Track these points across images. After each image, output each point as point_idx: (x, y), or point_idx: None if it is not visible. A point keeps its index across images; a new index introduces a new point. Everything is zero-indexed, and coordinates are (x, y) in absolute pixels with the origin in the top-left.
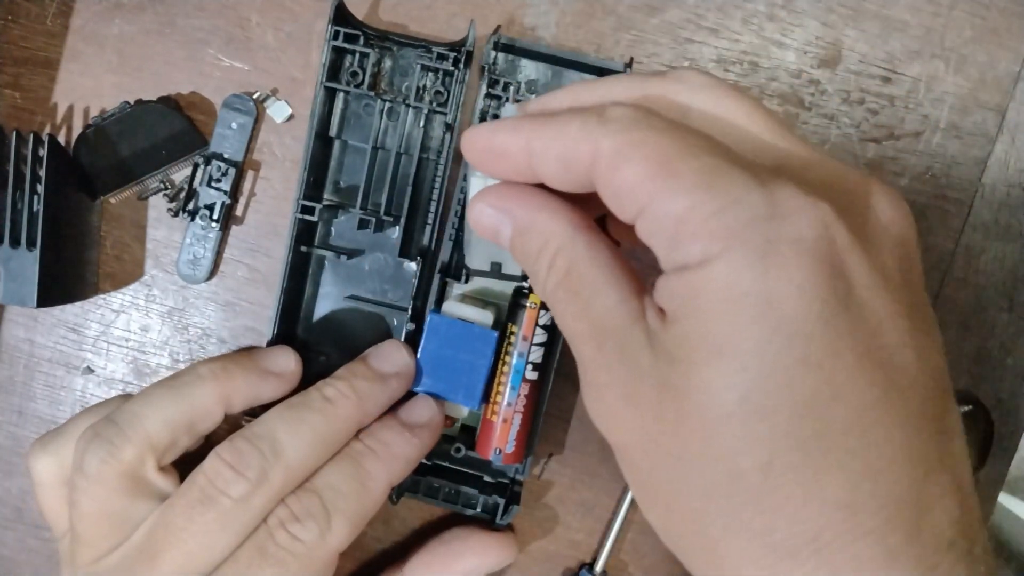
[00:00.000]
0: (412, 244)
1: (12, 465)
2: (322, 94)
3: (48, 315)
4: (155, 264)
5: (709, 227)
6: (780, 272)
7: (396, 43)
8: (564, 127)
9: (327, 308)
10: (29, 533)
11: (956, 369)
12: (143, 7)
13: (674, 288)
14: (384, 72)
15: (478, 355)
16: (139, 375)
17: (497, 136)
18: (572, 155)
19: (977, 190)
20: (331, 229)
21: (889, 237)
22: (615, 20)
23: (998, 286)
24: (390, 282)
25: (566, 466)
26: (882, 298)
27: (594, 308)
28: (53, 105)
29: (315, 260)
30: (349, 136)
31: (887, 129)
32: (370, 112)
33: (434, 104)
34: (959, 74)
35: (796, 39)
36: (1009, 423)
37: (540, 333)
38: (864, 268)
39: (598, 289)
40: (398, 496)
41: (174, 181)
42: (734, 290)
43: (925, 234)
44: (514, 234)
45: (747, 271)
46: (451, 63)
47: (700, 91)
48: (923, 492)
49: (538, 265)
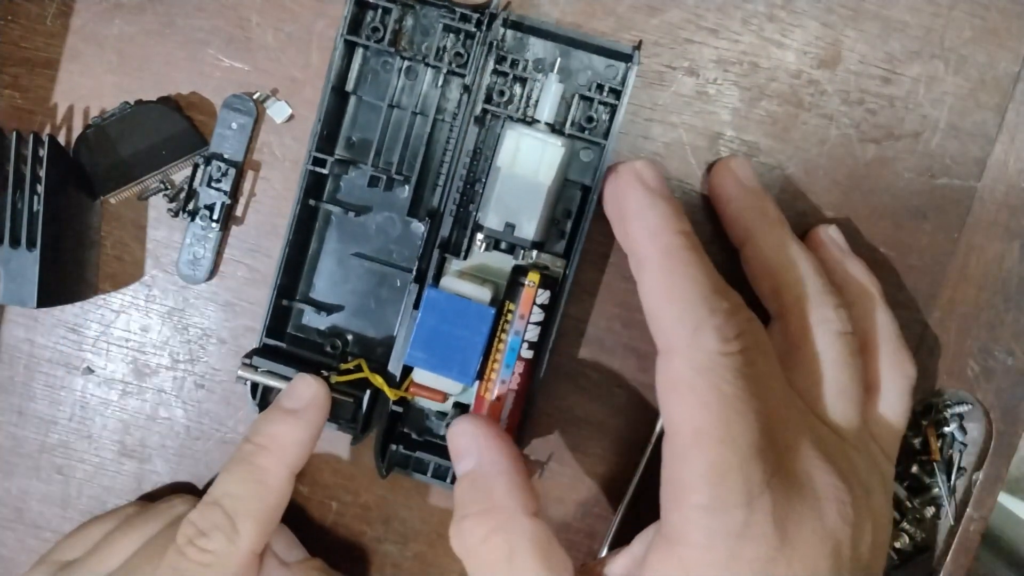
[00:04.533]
0: (421, 205)
1: (12, 465)
2: (341, 47)
3: (48, 315)
4: (155, 264)
5: (695, 518)
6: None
7: (420, 1)
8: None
9: (331, 264)
10: (29, 533)
11: (956, 369)
12: (143, 7)
13: (640, 560)
14: (405, 30)
15: (474, 332)
16: (139, 375)
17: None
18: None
19: (977, 190)
20: (340, 185)
21: (826, 547)
22: (615, 21)
23: (998, 286)
24: (396, 242)
25: (566, 466)
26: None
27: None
28: (53, 105)
29: (322, 215)
30: (365, 92)
31: (887, 129)
32: (388, 69)
33: (453, 65)
34: (959, 74)
35: (796, 39)
36: (1009, 423)
37: (537, 312)
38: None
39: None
40: (388, 470)
41: (174, 181)
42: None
43: (925, 234)
44: (474, 468)
45: (708, 571)
46: (474, 24)
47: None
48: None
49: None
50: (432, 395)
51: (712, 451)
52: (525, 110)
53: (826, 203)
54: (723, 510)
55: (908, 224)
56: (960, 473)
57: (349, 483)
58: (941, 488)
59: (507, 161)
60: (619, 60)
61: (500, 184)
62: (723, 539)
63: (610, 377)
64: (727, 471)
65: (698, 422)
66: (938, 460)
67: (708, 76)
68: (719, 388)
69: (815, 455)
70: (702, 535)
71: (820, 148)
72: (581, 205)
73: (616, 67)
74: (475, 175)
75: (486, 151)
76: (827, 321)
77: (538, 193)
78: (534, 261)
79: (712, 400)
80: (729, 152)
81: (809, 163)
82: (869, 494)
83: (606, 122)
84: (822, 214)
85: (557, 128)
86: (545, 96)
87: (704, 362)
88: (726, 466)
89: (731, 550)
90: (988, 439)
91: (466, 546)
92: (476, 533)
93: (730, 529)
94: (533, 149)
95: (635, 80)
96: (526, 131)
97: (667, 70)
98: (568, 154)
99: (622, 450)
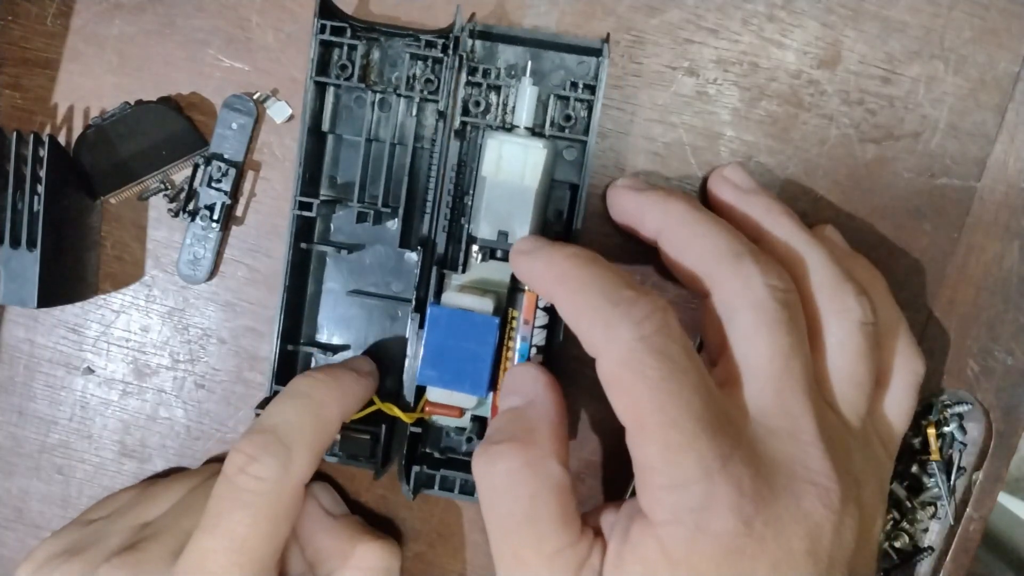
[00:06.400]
0: (412, 234)
1: (12, 465)
2: (312, 89)
3: (48, 315)
4: (155, 264)
5: (660, 497)
6: (700, 555)
7: (384, 33)
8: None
9: (331, 304)
10: (29, 533)
11: (956, 369)
12: (143, 7)
13: (623, 527)
14: (373, 63)
15: (481, 343)
16: (139, 375)
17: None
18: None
19: (976, 190)
20: (330, 224)
21: (800, 528)
22: (615, 20)
23: (998, 286)
24: (392, 274)
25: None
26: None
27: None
28: (53, 105)
29: (316, 257)
30: (342, 130)
31: (886, 129)
32: (361, 105)
33: (425, 92)
34: (958, 74)
35: (796, 40)
36: (1009, 423)
37: (541, 315)
38: (766, 559)
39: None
40: (415, 493)
41: (174, 181)
42: (669, 554)
43: (925, 234)
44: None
45: (680, 546)
46: (440, 50)
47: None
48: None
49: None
50: (448, 411)
51: (658, 435)
52: (503, 117)
53: (826, 203)
54: (682, 486)
55: (908, 224)
56: (960, 473)
57: (349, 483)
58: (941, 488)
59: (491, 170)
60: (590, 55)
61: (488, 193)
62: (688, 513)
63: None
64: (677, 450)
65: (636, 412)
66: (938, 460)
67: (708, 76)
68: (644, 375)
69: (812, 442)
70: (668, 512)
71: (820, 148)
72: (571, 204)
73: (588, 63)
74: (463, 188)
75: (470, 163)
76: (849, 310)
77: (526, 197)
78: None
79: (641, 389)
80: (729, 152)
81: (809, 163)
82: (860, 486)
83: (585, 118)
84: (822, 214)
85: (537, 131)
86: (521, 100)
87: (623, 353)
88: (675, 446)
89: (697, 523)
90: (988, 439)
91: (490, 470)
92: (505, 461)
93: (692, 504)
94: (515, 154)
95: (635, 80)
96: (506, 137)
97: (667, 70)
98: (551, 155)
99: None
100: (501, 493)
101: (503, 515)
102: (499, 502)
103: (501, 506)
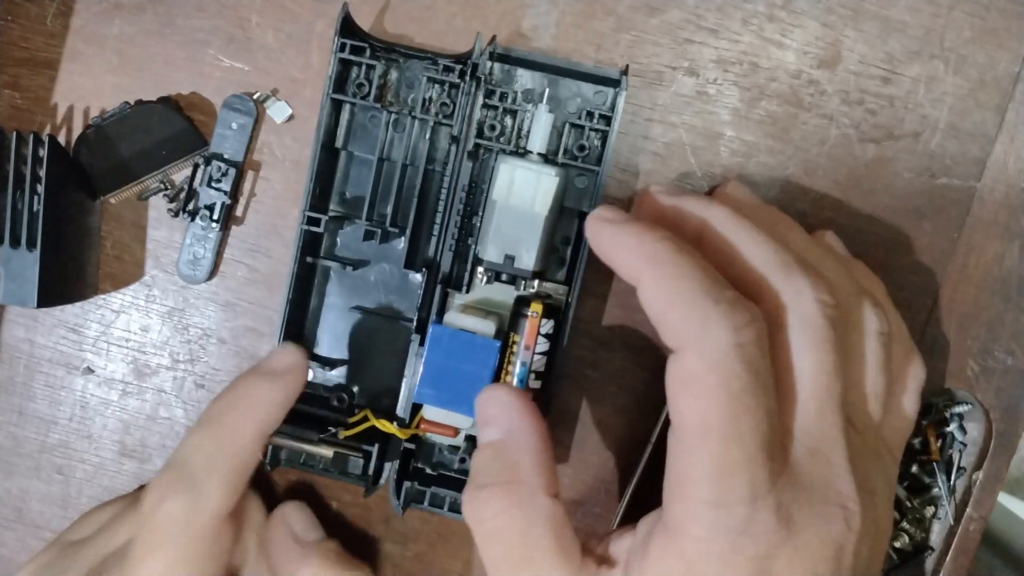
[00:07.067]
0: (418, 255)
1: (12, 465)
2: (328, 105)
3: (48, 315)
4: (155, 264)
5: (698, 512)
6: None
7: (403, 55)
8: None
9: (332, 318)
10: (29, 533)
11: (956, 369)
12: (143, 7)
13: (641, 544)
14: (390, 84)
15: (481, 365)
16: (139, 375)
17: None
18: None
19: (976, 190)
20: (337, 240)
21: (828, 551)
22: (615, 21)
23: (998, 286)
24: (395, 293)
25: (566, 466)
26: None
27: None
28: (53, 105)
29: (320, 271)
30: (355, 147)
31: (886, 129)
32: (376, 124)
33: (440, 116)
34: (958, 75)
35: (796, 40)
36: (1009, 423)
37: (542, 342)
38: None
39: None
40: (404, 507)
41: (174, 181)
42: (694, 570)
43: (925, 234)
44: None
45: (710, 565)
46: (457, 75)
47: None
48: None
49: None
50: (443, 431)
51: (718, 448)
52: (517, 142)
53: (826, 203)
54: (726, 506)
55: (908, 224)
56: (960, 473)
57: (349, 483)
58: (941, 488)
59: (502, 194)
60: (607, 86)
61: (497, 217)
62: (724, 534)
63: (610, 377)
64: (732, 468)
65: (706, 418)
66: (938, 460)
67: (708, 76)
68: (729, 384)
69: (842, 464)
70: (704, 529)
71: (820, 148)
72: (579, 231)
73: (605, 92)
74: (472, 208)
75: (481, 184)
76: (867, 321)
77: (535, 224)
78: (536, 290)
79: (722, 396)
80: (729, 152)
81: (809, 163)
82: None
83: (598, 148)
84: (822, 214)
85: (550, 158)
86: (536, 127)
87: (715, 356)
88: (732, 463)
89: (732, 545)
90: (988, 439)
91: (480, 516)
92: (493, 505)
93: (732, 525)
94: (528, 180)
95: (635, 80)
96: (519, 163)
97: (667, 70)
98: (563, 182)
99: (622, 450)
100: (494, 536)
101: (499, 558)
102: (493, 545)
103: (495, 549)
